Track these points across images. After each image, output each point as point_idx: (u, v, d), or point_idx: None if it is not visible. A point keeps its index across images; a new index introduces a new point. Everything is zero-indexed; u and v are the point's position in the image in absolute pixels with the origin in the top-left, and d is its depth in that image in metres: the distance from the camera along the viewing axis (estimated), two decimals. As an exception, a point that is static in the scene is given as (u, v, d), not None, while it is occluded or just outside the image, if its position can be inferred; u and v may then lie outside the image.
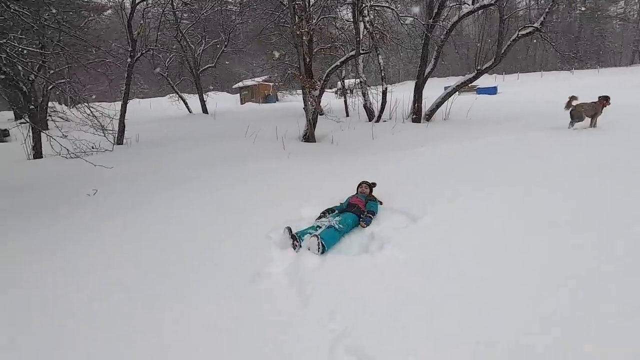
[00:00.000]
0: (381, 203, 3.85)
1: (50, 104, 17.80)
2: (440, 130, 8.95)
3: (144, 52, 11.13)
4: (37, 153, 9.03)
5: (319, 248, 2.90)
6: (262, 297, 2.38)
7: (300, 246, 3.09)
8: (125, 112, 10.42)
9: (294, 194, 4.41)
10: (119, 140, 10.14)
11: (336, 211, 3.86)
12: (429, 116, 10.88)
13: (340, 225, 3.27)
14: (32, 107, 9.24)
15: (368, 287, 2.41)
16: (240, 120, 12.47)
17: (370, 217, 3.52)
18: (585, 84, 19.42)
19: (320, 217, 3.68)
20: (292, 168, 6.01)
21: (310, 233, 3.17)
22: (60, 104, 19.53)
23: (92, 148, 9.50)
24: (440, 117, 10.94)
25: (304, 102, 8.67)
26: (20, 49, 7.36)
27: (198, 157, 7.27)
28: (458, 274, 2.46)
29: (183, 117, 15.36)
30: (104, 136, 9.86)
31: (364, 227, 3.42)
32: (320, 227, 3.31)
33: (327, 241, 2.97)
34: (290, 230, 3.16)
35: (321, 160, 6.57)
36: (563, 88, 18.33)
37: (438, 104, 10.91)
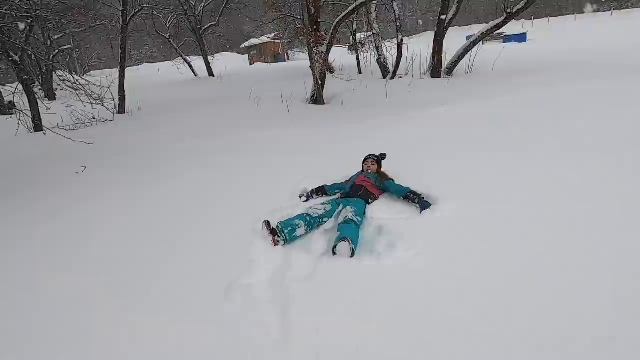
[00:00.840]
0: (392, 180, 3.19)
1: (60, 73, 17.32)
2: (463, 86, 7.94)
3: (136, 11, 10.20)
4: (37, 126, 8.59)
5: (351, 253, 2.26)
6: (230, 324, 1.80)
7: (286, 240, 2.52)
8: (123, 79, 9.76)
9: (292, 170, 3.77)
10: (121, 109, 9.61)
11: (337, 194, 3.23)
12: (450, 70, 9.75)
13: (359, 218, 2.62)
14: (25, 77, 8.73)
15: (370, 319, 1.75)
16: (246, 83, 11.64)
17: (425, 201, 2.72)
18: (630, 26, 17.20)
19: (309, 198, 3.17)
20: (294, 136, 5.33)
21: (294, 225, 2.57)
22: (70, 72, 19.01)
23: (93, 119, 9.05)
24: (462, 71, 9.78)
25: (310, 60, 7.76)
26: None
27: (195, 126, 6.64)
28: (500, 292, 1.79)
29: (188, 81, 14.57)
30: (103, 105, 9.33)
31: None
32: (309, 216, 2.69)
33: (354, 241, 2.34)
34: (268, 224, 2.56)
35: (327, 126, 5.82)
36: (603, 32, 16.36)
37: (460, 56, 9.72)
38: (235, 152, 4.67)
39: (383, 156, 3.50)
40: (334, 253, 2.30)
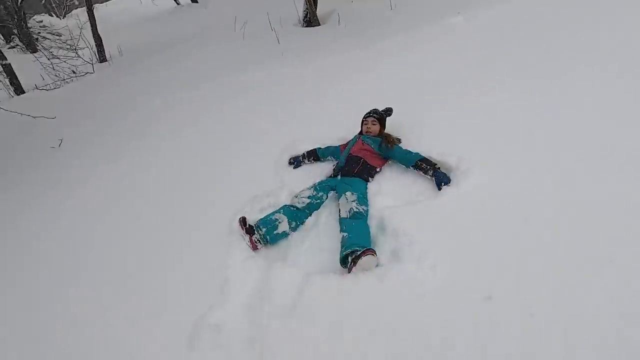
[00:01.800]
0: (399, 141, 2.51)
1: (38, 17, 15.70)
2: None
3: None
4: (17, 88, 7.89)
5: (377, 264, 1.75)
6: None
7: (266, 241, 2.04)
8: (94, 19, 8.56)
9: (278, 132, 3.12)
10: (101, 56, 8.65)
11: (330, 161, 2.65)
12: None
13: (364, 207, 2.04)
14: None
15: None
16: (232, 6, 10.15)
17: (442, 173, 2.08)
18: None
19: (299, 164, 2.72)
20: (284, 77, 4.50)
21: (274, 222, 2.06)
22: (50, 15, 17.29)
23: (73, 73, 8.22)
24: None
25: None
26: None
27: (178, 73, 5.84)
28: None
29: (170, 12, 12.92)
30: (78, 56, 8.44)
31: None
32: (294, 207, 2.15)
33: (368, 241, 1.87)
34: (244, 221, 2.06)
35: (322, 58, 4.85)
36: None
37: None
38: (212, 112, 3.97)
39: (388, 112, 2.68)
40: (344, 264, 1.79)
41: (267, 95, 4.08)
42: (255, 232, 2.03)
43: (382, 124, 2.62)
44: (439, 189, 2.03)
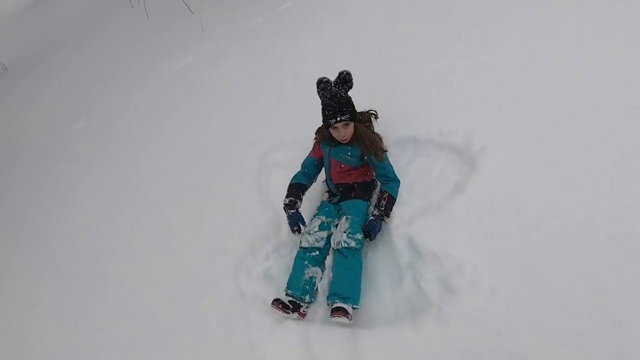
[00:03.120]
0: (381, 155, 1.83)
1: None
2: None
3: None
4: None
5: (349, 319, 1.54)
6: None
7: (311, 302, 1.72)
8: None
9: (240, 142, 2.64)
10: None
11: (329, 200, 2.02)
12: None
13: (359, 236, 1.72)
14: None
15: None
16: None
17: (379, 229, 1.75)
18: None
19: (299, 221, 1.88)
20: (212, 63, 3.80)
21: (309, 280, 1.71)
22: None
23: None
24: None
25: None
26: None
27: (78, 88, 4.85)
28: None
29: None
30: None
31: (367, 242, 1.76)
32: (318, 249, 1.77)
33: (352, 297, 1.60)
34: (281, 303, 1.65)
35: (248, 22, 4.14)
36: None
37: None
38: (149, 140, 3.32)
39: (348, 82, 1.80)
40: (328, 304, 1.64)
41: (196, 94, 3.46)
42: (299, 302, 1.69)
43: (355, 117, 1.84)
44: (365, 234, 1.74)
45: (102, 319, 2.09)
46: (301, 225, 1.85)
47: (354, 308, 1.58)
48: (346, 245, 1.69)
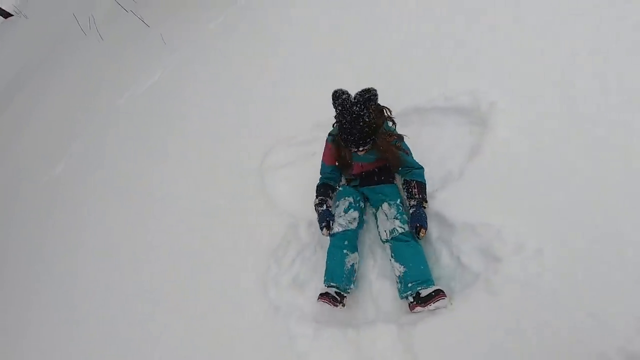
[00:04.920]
0: (400, 144, 1.66)
1: None
2: None
3: None
4: None
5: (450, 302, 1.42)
6: None
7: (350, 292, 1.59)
8: None
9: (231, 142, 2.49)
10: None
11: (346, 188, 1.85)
12: None
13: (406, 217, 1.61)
14: None
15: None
16: (57, 5, 7.95)
17: (425, 218, 1.57)
18: None
19: (330, 219, 1.70)
20: (184, 80, 3.59)
21: (350, 268, 1.59)
22: None
23: None
24: None
25: None
26: None
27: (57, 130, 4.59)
28: None
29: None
30: None
31: (423, 236, 1.55)
32: (353, 230, 1.65)
33: (428, 278, 1.48)
34: (330, 297, 1.53)
35: (213, 22, 3.93)
36: None
37: None
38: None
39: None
40: (405, 297, 1.49)
41: (171, 109, 3.26)
42: (343, 293, 1.57)
43: (375, 138, 1.60)
44: (412, 229, 1.55)
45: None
46: (330, 222, 1.71)
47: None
48: (402, 231, 1.56)
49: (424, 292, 1.42)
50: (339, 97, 1.50)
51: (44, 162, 4.11)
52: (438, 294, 1.39)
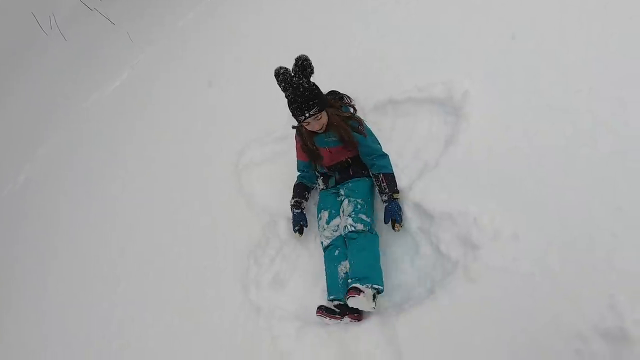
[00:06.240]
0: (361, 127, 1.66)
1: None
2: None
3: None
4: None
5: (373, 305, 1.42)
6: None
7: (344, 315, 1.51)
8: None
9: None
10: None
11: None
12: None
13: (365, 218, 1.59)
14: None
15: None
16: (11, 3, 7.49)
17: (399, 210, 1.58)
18: None
19: (302, 222, 1.75)
20: (155, 78, 3.47)
21: (345, 277, 1.55)
22: None
23: None
24: None
25: None
26: None
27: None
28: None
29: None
30: None
31: (398, 229, 1.58)
32: (342, 240, 1.64)
33: (373, 275, 1.46)
34: (325, 309, 1.49)
35: (177, 21, 3.80)
36: None
37: None
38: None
39: (307, 69, 1.50)
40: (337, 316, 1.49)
41: (141, 110, 3.13)
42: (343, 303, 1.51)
43: (324, 105, 1.58)
44: (386, 222, 1.57)
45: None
46: (303, 227, 1.74)
47: (375, 289, 1.44)
48: (353, 229, 1.56)
49: (351, 286, 1.41)
50: (279, 73, 1.51)
51: (8, 169, 3.89)
52: (352, 290, 1.37)
